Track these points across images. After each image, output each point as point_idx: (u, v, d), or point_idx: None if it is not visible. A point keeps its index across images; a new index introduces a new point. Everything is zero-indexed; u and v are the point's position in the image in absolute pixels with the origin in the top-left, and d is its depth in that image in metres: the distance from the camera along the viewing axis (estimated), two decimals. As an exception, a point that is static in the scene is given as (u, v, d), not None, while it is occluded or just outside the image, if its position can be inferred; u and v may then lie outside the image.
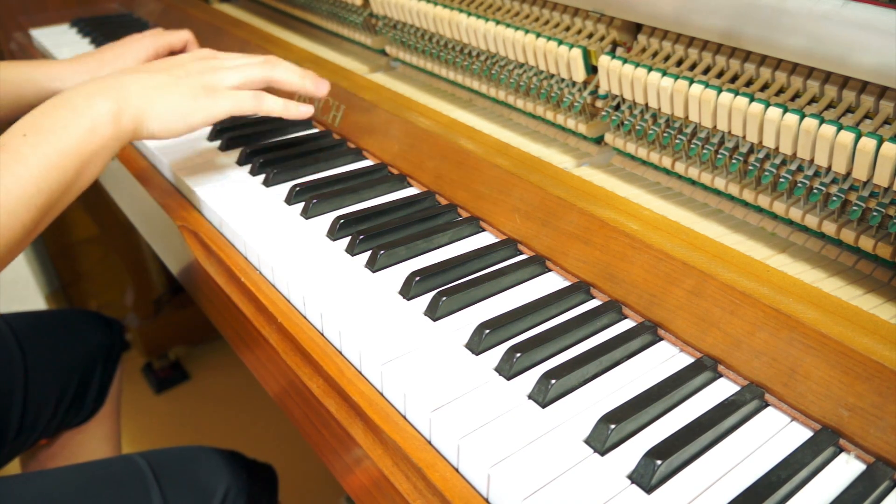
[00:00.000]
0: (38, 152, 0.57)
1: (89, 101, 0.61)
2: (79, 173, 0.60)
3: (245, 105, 0.68)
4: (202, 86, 0.67)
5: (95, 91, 0.62)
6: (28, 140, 0.57)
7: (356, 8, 0.99)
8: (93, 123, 0.60)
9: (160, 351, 1.75)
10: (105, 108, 0.61)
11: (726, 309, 0.51)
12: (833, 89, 0.54)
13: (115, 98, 0.62)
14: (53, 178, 0.58)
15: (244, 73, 0.70)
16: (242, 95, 0.68)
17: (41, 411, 0.94)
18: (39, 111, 0.60)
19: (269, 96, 0.69)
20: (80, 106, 0.61)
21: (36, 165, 0.56)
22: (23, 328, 0.95)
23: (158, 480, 0.73)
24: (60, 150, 0.58)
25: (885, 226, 0.53)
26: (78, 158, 0.59)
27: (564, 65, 0.70)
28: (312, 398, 0.54)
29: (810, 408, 0.46)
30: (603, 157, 0.74)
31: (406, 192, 0.74)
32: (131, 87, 0.64)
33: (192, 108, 0.66)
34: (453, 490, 0.44)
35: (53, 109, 0.60)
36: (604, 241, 0.58)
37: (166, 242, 0.80)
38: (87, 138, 0.60)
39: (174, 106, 0.65)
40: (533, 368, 0.51)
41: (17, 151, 0.56)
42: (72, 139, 0.59)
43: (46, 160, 0.57)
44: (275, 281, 0.62)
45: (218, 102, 0.67)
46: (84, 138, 0.60)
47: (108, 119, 0.61)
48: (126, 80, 0.65)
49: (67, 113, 0.60)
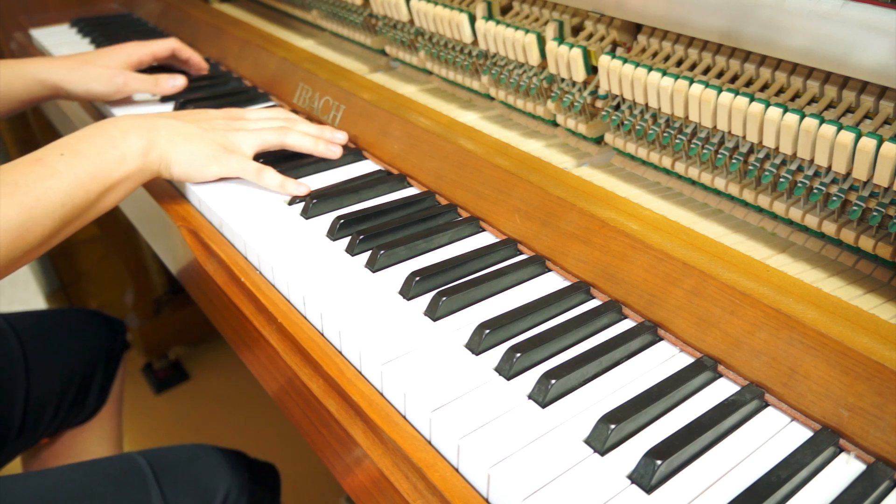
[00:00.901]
0: (71, 171, 0.63)
1: (124, 136, 0.68)
2: (101, 196, 0.66)
3: (249, 175, 0.74)
4: (223, 143, 0.74)
5: (130, 128, 0.69)
6: (64, 159, 0.64)
7: (356, 8, 0.99)
8: (123, 155, 0.67)
9: (160, 351, 1.75)
10: (136, 145, 0.68)
11: (726, 309, 0.51)
12: (833, 89, 0.54)
13: (147, 138, 0.69)
14: (79, 196, 0.64)
15: (262, 139, 0.76)
16: (250, 166, 0.74)
17: (43, 410, 0.94)
18: (78, 136, 0.67)
19: (269, 172, 0.74)
20: (116, 138, 0.68)
21: (67, 182, 0.63)
22: (24, 328, 0.95)
23: (159, 479, 0.73)
24: (90, 172, 0.64)
25: (885, 226, 0.53)
26: (103, 183, 0.66)
27: (564, 65, 0.70)
28: (312, 398, 0.54)
29: (810, 408, 0.46)
30: (603, 157, 0.74)
31: (406, 192, 0.74)
32: (161, 130, 0.71)
33: (209, 161, 0.73)
34: (453, 490, 0.44)
35: (91, 136, 0.67)
36: (604, 241, 0.58)
37: (166, 242, 0.80)
38: (116, 167, 0.66)
39: (195, 157, 0.72)
40: (533, 368, 0.51)
41: (52, 166, 0.63)
42: (103, 165, 0.65)
43: (76, 180, 0.63)
44: (275, 281, 0.62)
45: (231, 162, 0.73)
46: (113, 167, 0.66)
47: (137, 154, 0.68)
48: (159, 123, 0.72)
49: (103, 142, 0.67)
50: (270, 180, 0.73)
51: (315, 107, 0.89)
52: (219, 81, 1.03)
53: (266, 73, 0.99)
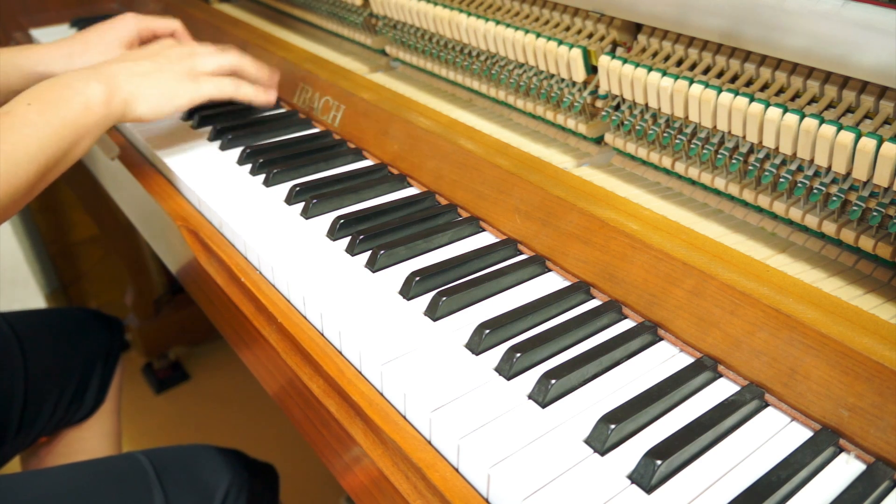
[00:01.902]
0: (43, 119, 0.65)
1: (86, 83, 0.69)
2: (73, 144, 0.68)
3: (226, 88, 0.77)
4: (184, 71, 0.75)
5: (90, 76, 0.71)
6: (33, 108, 0.65)
7: (356, 8, 0.99)
8: (87, 102, 0.68)
9: (160, 351, 1.75)
10: (98, 90, 0.70)
11: (726, 309, 0.51)
12: (833, 89, 0.54)
13: (107, 83, 0.70)
14: (54, 144, 0.65)
15: (219, 60, 0.79)
16: (224, 80, 0.77)
17: (41, 409, 0.94)
18: (41, 87, 0.68)
19: (246, 83, 0.78)
20: (78, 86, 0.69)
21: (41, 130, 0.64)
22: (23, 327, 0.95)
23: (160, 478, 0.73)
24: (60, 120, 0.66)
25: (885, 226, 0.53)
26: (74, 130, 0.67)
27: (564, 65, 0.70)
28: (312, 398, 0.54)
29: (810, 408, 0.46)
30: (603, 157, 0.74)
31: (406, 192, 0.74)
32: (120, 74, 0.72)
33: (177, 90, 0.74)
34: (453, 490, 0.44)
35: (54, 87, 0.68)
36: (604, 241, 0.58)
37: (166, 242, 0.80)
38: (82, 114, 0.68)
39: (160, 89, 0.73)
40: (533, 368, 0.51)
41: (24, 116, 0.64)
42: (71, 112, 0.67)
43: (49, 127, 0.65)
44: (275, 281, 0.62)
45: (201, 86, 0.75)
46: (80, 113, 0.68)
47: (100, 100, 0.69)
48: (115, 68, 0.73)
49: (66, 91, 0.68)
50: (248, 90, 0.78)
51: (315, 107, 0.89)
52: (219, 81, 1.03)
53: (266, 73, 0.98)
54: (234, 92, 0.77)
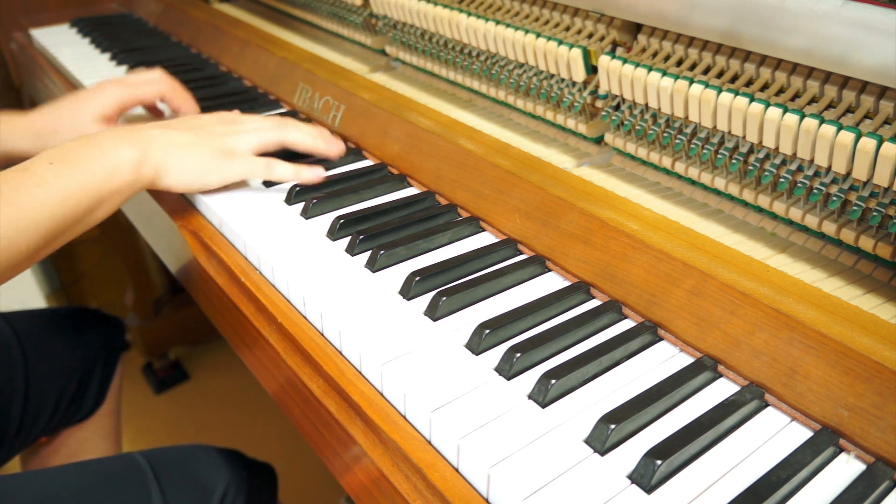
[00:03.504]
0: (60, 181, 0.60)
1: (116, 146, 0.65)
2: (91, 209, 0.63)
3: (258, 172, 0.72)
4: (221, 149, 0.71)
5: (123, 138, 0.66)
6: (53, 168, 0.61)
7: (356, 8, 0.99)
8: (115, 166, 0.64)
9: (160, 351, 1.75)
10: (129, 155, 0.65)
11: (726, 309, 0.51)
12: (833, 89, 0.54)
13: (141, 148, 0.66)
14: (68, 208, 0.61)
15: (261, 137, 0.73)
16: (257, 163, 0.72)
17: (41, 409, 0.94)
18: (67, 146, 0.64)
19: (280, 164, 0.72)
20: (107, 148, 0.64)
21: (55, 192, 0.60)
22: (23, 326, 0.95)
23: (158, 478, 0.73)
24: (80, 183, 0.61)
25: (885, 226, 0.53)
26: (95, 195, 0.63)
27: (564, 65, 0.70)
28: (312, 398, 0.54)
29: (810, 408, 0.46)
30: (603, 157, 0.74)
31: (406, 192, 0.74)
32: (156, 140, 0.68)
33: (209, 168, 0.70)
34: (453, 490, 0.44)
35: (82, 147, 0.64)
36: (604, 241, 0.58)
37: (166, 242, 0.80)
38: (107, 178, 0.63)
39: (193, 164, 0.69)
40: (533, 368, 0.51)
41: (40, 176, 0.60)
42: (93, 176, 0.62)
43: (66, 190, 0.60)
44: (275, 281, 0.62)
45: (234, 166, 0.71)
46: (105, 178, 0.63)
47: (130, 165, 0.65)
48: (153, 133, 0.69)
49: (94, 152, 0.64)
50: (283, 171, 0.71)
51: (315, 107, 0.89)
52: (219, 81, 1.03)
53: (266, 73, 0.99)
54: (268, 174, 0.72)
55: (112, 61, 1.13)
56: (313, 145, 0.76)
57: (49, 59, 1.19)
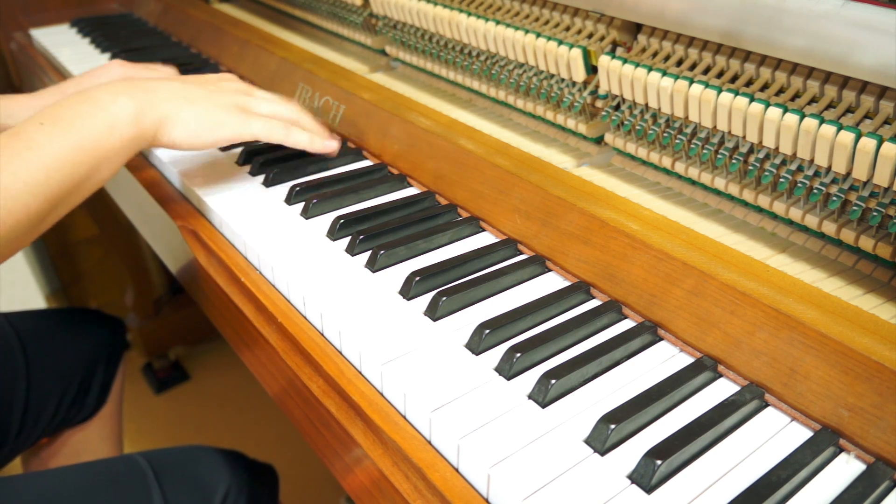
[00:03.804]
0: (53, 142, 0.56)
1: (114, 98, 0.60)
2: (92, 170, 0.59)
3: (275, 133, 0.69)
4: (235, 104, 0.67)
5: (122, 90, 0.61)
6: (44, 129, 0.56)
7: (356, 8, 0.99)
8: (114, 121, 0.59)
9: (160, 351, 1.75)
10: (128, 108, 0.60)
11: (726, 309, 0.51)
12: (833, 89, 0.54)
13: (141, 99, 0.61)
14: (66, 171, 0.56)
15: (275, 107, 0.71)
16: (274, 123, 0.69)
17: (43, 410, 0.94)
18: (60, 103, 0.59)
19: (297, 129, 0.70)
20: (104, 102, 0.60)
21: (49, 155, 0.55)
22: (25, 327, 0.95)
23: (159, 480, 0.73)
24: (76, 142, 0.57)
25: (885, 226, 0.53)
26: (93, 154, 0.58)
27: (564, 65, 0.70)
28: (312, 398, 0.54)
29: (810, 408, 0.46)
30: (603, 157, 0.74)
31: (406, 192, 0.74)
32: (159, 91, 0.63)
33: (222, 120, 0.65)
34: (453, 490, 0.44)
35: (76, 102, 0.59)
36: (604, 241, 0.58)
37: (166, 242, 0.80)
38: (105, 135, 0.59)
39: (204, 115, 0.64)
40: (533, 368, 0.51)
41: (31, 139, 0.55)
42: (90, 134, 0.58)
43: (60, 151, 0.56)
44: (275, 281, 0.62)
45: (251, 122, 0.67)
46: (102, 135, 0.59)
47: (129, 119, 0.60)
48: (155, 85, 0.64)
49: (89, 107, 0.59)
50: (300, 137, 0.69)
51: (315, 107, 0.89)
52: (219, 81, 1.03)
53: (266, 73, 0.99)
54: (285, 137, 0.68)
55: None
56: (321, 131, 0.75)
57: (49, 59, 1.19)
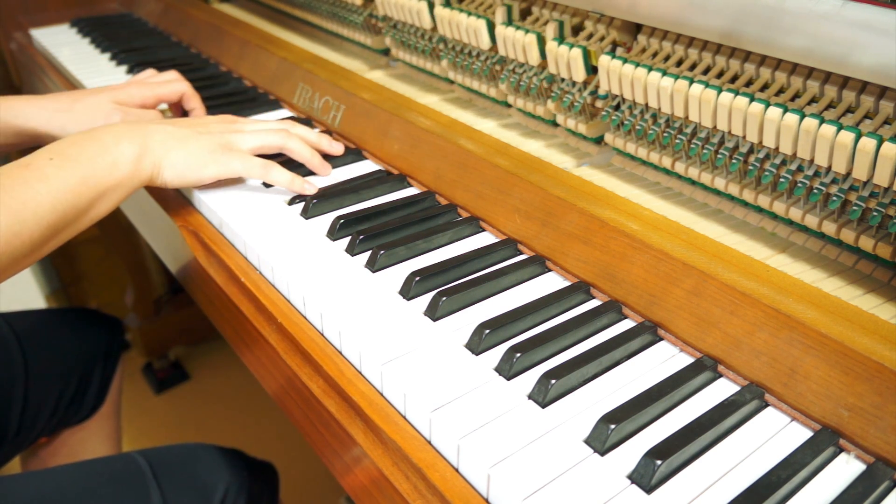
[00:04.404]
0: (61, 175, 0.61)
1: (117, 141, 0.66)
2: (92, 203, 0.64)
3: (254, 172, 0.72)
4: (220, 144, 0.71)
5: (123, 134, 0.67)
6: (53, 163, 0.61)
7: (356, 8, 0.99)
8: (115, 161, 0.65)
9: (160, 351, 1.75)
10: (129, 151, 0.66)
11: (726, 309, 0.51)
12: (833, 89, 0.54)
13: (140, 144, 0.67)
14: (69, 202, 0.61)
15: (261, 139, 0.74)
16: (254, 162, 0.71)
17: (41, 409, 0.94)
18: (67, 142, 0.65)
19: (278, 168, 0.72)
20: (108, 143, 0.65)
21: (56, 186, 0.60)
22: (23, 327, 0.95)
23: (158, 479, 0.73)
24: (81, 177, 0.62)
25: (885, 226, 0.53)
26: (95, 189, 0.63)
27: (564, 65, 0.70)
28: (312, 398, 0.54)
29: (810, 408, 0.46)
30: (603, 157, 0.74)
31: (406, 192, 0.74)
32: (155, 135, 0.68)
33: (206, 161, 0.70)
34: (453, 490, 0.44)
35: (82, 142, 0.65)
36: (604, 241, 0.58)
37: (166, 242, 0.80)
38: (107, 173, 0.64)
39: (189, 158, 0.69)
40: (533, 368, 0.51)
41: (41, 171, 0.60)
42: (94, 171, 0.63)
43: (66, 184, 0.61)
44: (275, 281, 0.62)
45: (231, 162, 0.71)
46: (105, 173, 0.64)
47: (129, 160, 0.66)
48: (152, 128, 0.69)
49: (95, 146, 0.65)
50: (279, 176, 0.71)
51: (315, 107, 0.89)
52: (219, 81, 1.03)
53: (266, 73, 0.99)
54: (264, 176, 0.71)
55: (112, 61, 1.13)
56: (309, 160, 0.76)
57: (49, 59, 1.19)
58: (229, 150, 0.71)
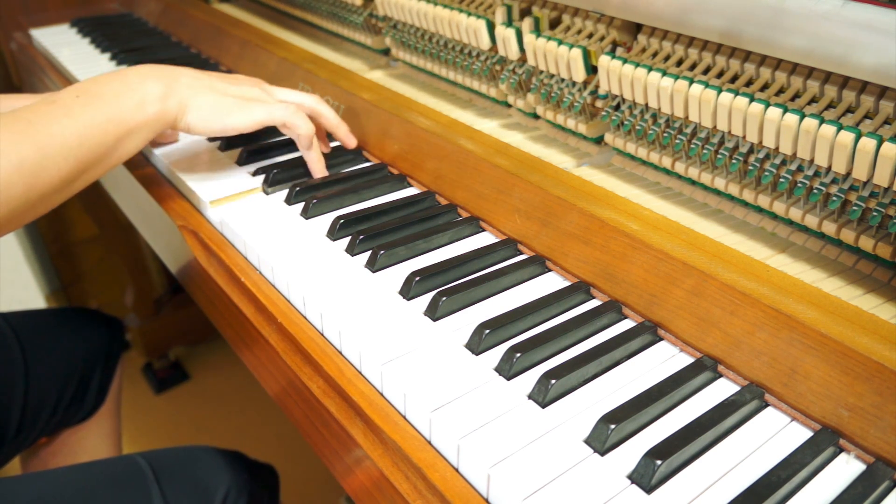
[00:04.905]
0: (88, 111, 0.61)
1: (142, 80, 0.66)
2: (118, 141, 0.64)
3: (277, 114, 0.71)
4: (248, 96, 0.72)
5: (150, 73, 0.67)
6: (80, 100, 0.62)
7: (356, 8, 0.99)
8: (142, 100, 0.65)
9: (160, 351, 1.75)
10: (155, 90, 0.66)
11: (726, 309, 0.51)
12: (833, 89, 0.54)
13: (167, 83, 0.67)
14: (96, 139, 0.61)
15: (294, 95, 0.75)
16: (278, 106, 0.71)
17: (41, 409, 0.94)
18: (93, 80, 0.65)
19: (304, 116, 0.72)
20: (134, 82, 0.66)
21: (83, 122, 0.61)
22: (23, 327, 0.95)
23: (159, 480, 0.73)
24: (107, 114, 0.62)
25: (885, 226, 0.53)
26: (121, 127, 0.63)
27: (564, 65, 0.70)
28: (312, 398, 0.54)
29: (810, 408, 0.46)
30: (603, 157, 0.74)
31: (406, 192, 0.74)
32: (183, 78, 0.69)
33: (231, 109, 0.70)
34: (453, 490, 0.44)
35: (108, 81, 0.65)
36: (604, 241, 0.58)
37: (166, 242, 0.80)
38: (133, 112, 0.64)
39: (216, 104, 0.69)
40: (533, 368, 0.51)
41: (68, 107, 0.61)
42: (120, 108, 0.63)
43: (92, 120, 0.61)
44: (275, 281, 0.62)
45: (254, 110, 0.70)
46: (131, 111, 0.64)
47: (155, 99, 0.66)
48: (180, 72, 0.69)
49: (120, 86, 0.65)
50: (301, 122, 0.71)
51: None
52: (219, 81, 1.03)
53: (266, 73, 0.98)
54: (287, 117, 0.71)
55: (112, 61, 1.13)
56: (338, 126, 0.78)
57: (49, 59, 1.19)
58: (256, 100, 0.71)
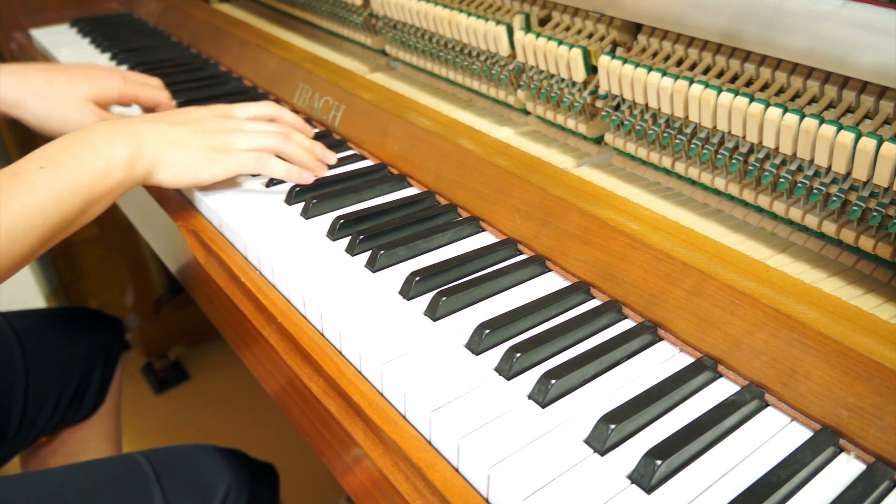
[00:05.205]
0: (51, 186, 0.60)
1: (108, 145, 0.64)
2: (84, 210, 0.63)
3: (249, 167, 0.71)
4: (216, 146, 0.70)
5: (115, 135, 0.65)
6: (44, 173, 0.60)
7: (356, 8, 0.99)
8: (107, 166, 0.63)
9: (160, 351, 1.75)
10: (122, 154, 0.64)
11: (726, 309, 0.51)
12: (833, 89, 0.54)
13: (133, 146, 0.65)
14: (59, 212, 0.60)
15: (259, 141, 0.72)
16: (248, 157, 0.71)
17: (41, 409, 0.94)
18: (58, 146, 0.63)
19: (273, 160, 0.71)
20: (99, 148, 0.63)
21: (46, 197, 0.59)
22: (23, 326, 0.95)
23: (160, 479, 0.73)
24: (72, 186, 0.61)
25: (885, 226, 0.53)
26: (87, 196, 0.62)
27: (564, 65, 0.70)
28: (312, 398, 0.54)
29: (810, 408, 0.46)
30: (603, 157, 0.74)
31: (406, 192, 0.74)
32: (148, 136, 0.67)
33: (202, 164, 0.68)
34: (453, 490, 0.44)
35: (72, 146, 0.63)
36: (604, 241, 0.58)
37: (166, 242, 0.80)
38: (99, 179, 0.63)
39: (186, 160, 0.68)
40: (533, 368, 0.51)
41: (32, 182, 0.59)
42: (85, 178, 0.62)
43: (57, 194, 0.60)
44: (275, 281, 0.62)
45: (227, 161, 0.70)
46: (97, 178, 0.62)
47: (122, 164, 0.64)
48: (145, 128, 0.68)
49: (85, 152, 0.63)
50: (276, 167, 0.70)
51: (315, 107, 0.89)
52: (219, 81, 1.03)
53: (266, 73, 0.99)
54: (260, 169, 0.71)
55: (112, 61, 1.13)
56: (306, 162, 0.74)
57: (49, 59, 1.19)
58: (225, 151, 0.70)
